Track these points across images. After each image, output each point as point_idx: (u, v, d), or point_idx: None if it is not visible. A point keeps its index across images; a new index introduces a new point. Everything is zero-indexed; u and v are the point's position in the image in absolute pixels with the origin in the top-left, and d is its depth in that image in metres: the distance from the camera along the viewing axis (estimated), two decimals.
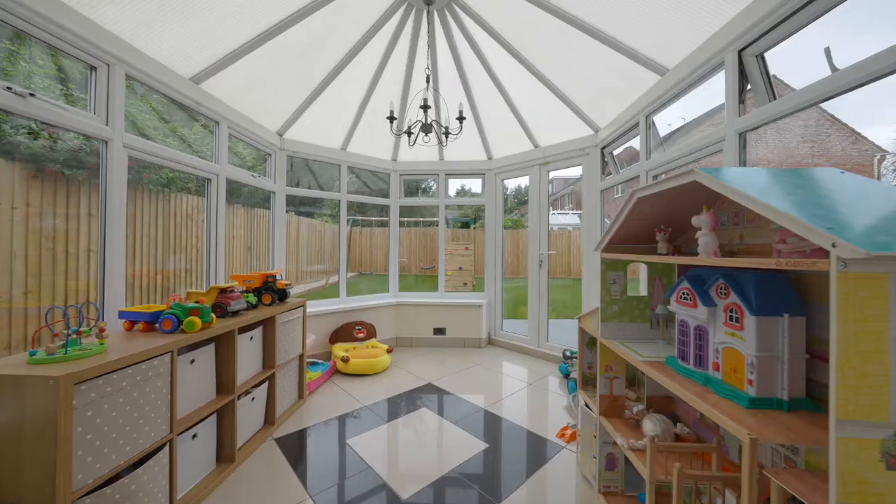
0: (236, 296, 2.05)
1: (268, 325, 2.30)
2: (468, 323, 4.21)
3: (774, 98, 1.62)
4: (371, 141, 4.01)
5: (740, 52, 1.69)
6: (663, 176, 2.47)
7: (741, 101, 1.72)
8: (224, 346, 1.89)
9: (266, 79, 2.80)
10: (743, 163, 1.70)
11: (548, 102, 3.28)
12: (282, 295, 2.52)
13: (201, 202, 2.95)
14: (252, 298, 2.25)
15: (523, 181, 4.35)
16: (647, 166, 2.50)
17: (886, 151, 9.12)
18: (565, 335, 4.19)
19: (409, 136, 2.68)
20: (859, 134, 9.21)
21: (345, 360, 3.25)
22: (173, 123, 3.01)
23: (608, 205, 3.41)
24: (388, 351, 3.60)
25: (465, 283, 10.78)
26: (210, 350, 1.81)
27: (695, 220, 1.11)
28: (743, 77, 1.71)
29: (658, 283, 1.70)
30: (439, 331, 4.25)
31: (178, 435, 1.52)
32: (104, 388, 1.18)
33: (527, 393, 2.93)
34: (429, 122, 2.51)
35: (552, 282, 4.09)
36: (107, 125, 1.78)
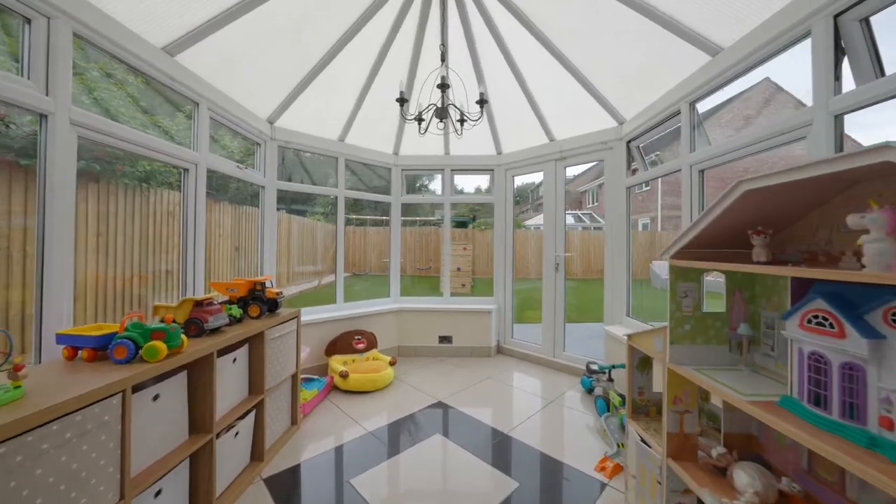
0: (215, 309, 1.68)
1: (255, 342, 1.94)
2: (476, 331, 3.89)
3: (883, 73, 1.32)
4: (371, 133, 3.65)
5: (836, 17, 1.39)
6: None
7: (836, 77, 1.42)
8: (199, 374, 1.53)
9: (254, 57, 2.43)
10: (840, 151, 1.40)
11: (568, 89, 2.96)
12: (272, 305, 2.16)
13: (179, 197, 2.57)
14: (236, 311, 1.89)
15: (522, 178, 4.04)
16: (691, 160, 2.20)
17: None
18: (579, 343, 3.88)
19: (419, 124, 2.34)
20: None
21: (343, 375, 2.89)
22: (154, 115, 2.62)
23: (633, 202, 3.11)
24: (391, 363, 3.25)
25: (463, 285, 10.48)
26: (181, 380, 1.44)
27: (854, 221, 0.80)
28: (838, 48, 1.41)
29: (739, 297, 1.39)
30: (445, 339, 3.92)
31: (134, 498, 1.16)
32: (12, 458, 0.82)
33: (549, 413, 2.61)
34: (446, 104, 2.17)
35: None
36: (47, 95, 1.40)
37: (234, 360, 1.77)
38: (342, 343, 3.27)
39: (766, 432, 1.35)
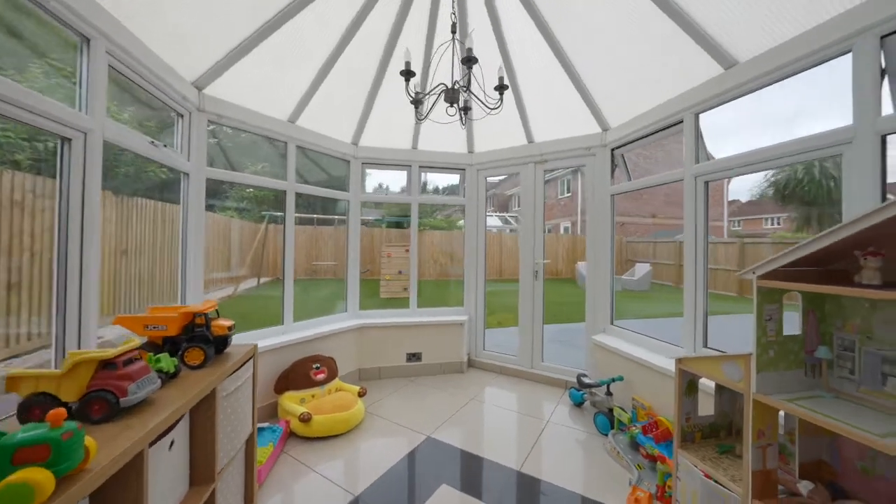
0: (138, 370, 1.03)
1: (201, 407, 1.30)
2: (448, 345, 3.54)
3: None
4: (327, 118, 3.02)
5: (883, 38, 1.41)
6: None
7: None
8: (117, 489, 0.89)
9: None
10: (884, 172, 1.42)
11: (557, 90, 2.82)
12: (221, 345, 1.50)
13: (43, 183, 1.70)
14: (168, 363, 1.22)
15: (452, 178, 3.90)
16: (696, 170, 2.19)
17: None
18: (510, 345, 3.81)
19: (416, 107, 1.91)
20: None
21: (304, 419, 2.28)
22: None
23: (551, 209, 3.10)
24: (361, 394, 2.71)
25: (405, 289, 10.00)
26: None
27: None
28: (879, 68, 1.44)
29: (812, 318, 1.32)
30: (414, 356, 3.48)
31: None
32: None
33: (551, 436, 2.40)
34: (456, 86, 1.78)
35: (497, 286, 3.66)
36: None
37: (171, 444, 1.13)
38: (296, 375, 2.61)
39: (844, 459, 1.30)
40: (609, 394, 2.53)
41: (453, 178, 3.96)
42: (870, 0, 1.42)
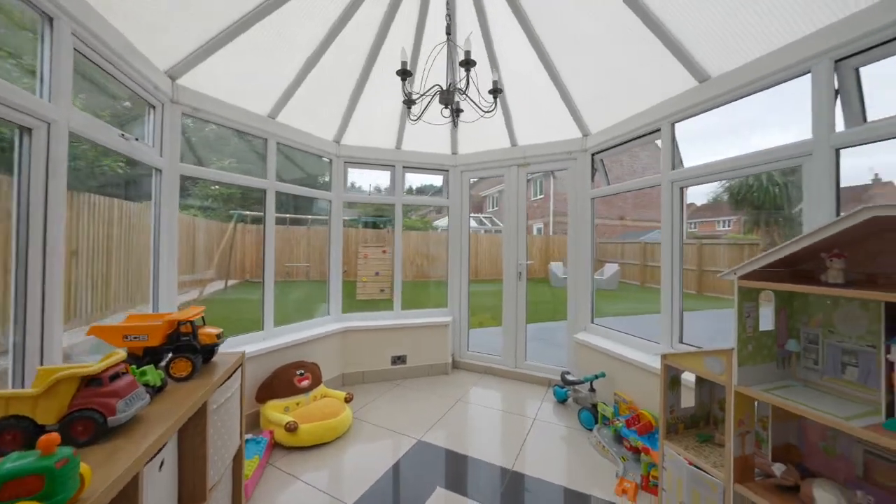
0: (125, 386, 0.95)
1: (191, 422, 1.21)
2: (433, 347, 3.53)
3: (865, 120, 1.53)
4: (310, 114, 2.92)
5: (837, 61, 1.56)
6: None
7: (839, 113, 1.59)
8: None
9: None
10: (837, 181, 1.58)
11: (541, 95, 2.89)
12: (207, 355, 1.41)
13: None
14: (155, 376, 1.13)
15: (422, 178, 3.91)
16: (672, 176, 2.33)
17: None
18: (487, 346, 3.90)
19: (408, 108, 1.89)
20: None
21: (290, 428, 2.19)
22: None
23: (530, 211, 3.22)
24: (347, 400, 2.65)
25: (382, 290, 9.86)
26: None
27: None
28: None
29: (783, 315, 1.44)
30: (399, 359, 3.44)
31: None
32: None
33: (539, 433, 2.46)
34: (450, 88, 1.78)
35: (474, 287, 3.73)
36: None
37: (162, 464, 1.04)
38: (280, 383, 2.50)
39: (809, 441, 1.42)
40: (592, 390, 2.63)
41: (427, 178, 3.94)
42: (826, 27, 1.57)
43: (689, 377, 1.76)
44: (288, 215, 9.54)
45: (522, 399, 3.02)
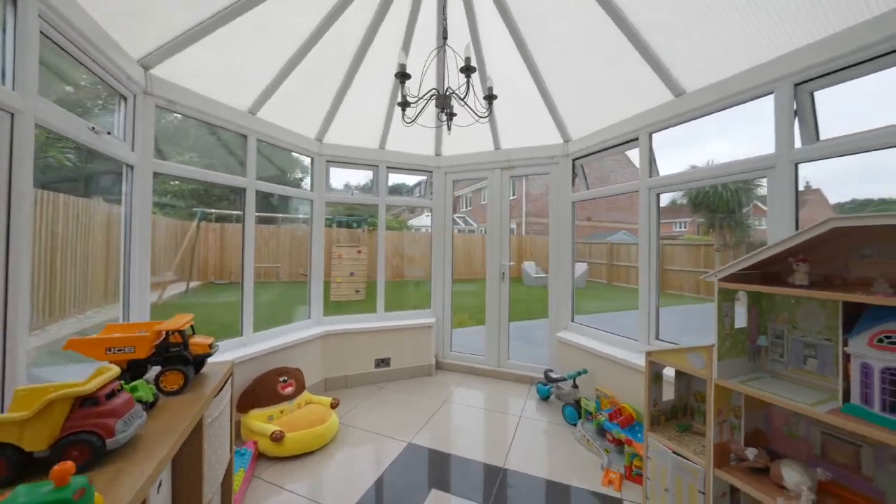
0: (121, 406, 0.88)
1: (187, 440, 1.13)
2: (416, 348, 3.52)
3: (818, 139, 1.72)
4: (292, 112, 2.82)
5: (797, 85, 1.73)
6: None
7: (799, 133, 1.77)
8: None
9: None
10: (796, 191, 1.75)
11: (525, 99, 2.97)
12: (197, 366, 1.33)
13: None
14: (146, 391, 1.05)
15: (401, 177, 3.95)
16: (650, 183, 2.48)
17: None
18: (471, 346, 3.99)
19: (403, 110, 1.88)
20: None
21: (277, 437, 2.10)
22: None
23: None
24: (333, 406, 2.58)
25: (357, 291, 9.65)
26: None
27: None
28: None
29: (754, 313, 1.58)
30: (382, 362, 3.41)
31: None
32: None
33: (525, 430, 2.53)
34: (446, 93, 1.79)
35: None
36: None
37: (159, 486, 0.98)
38: (262, 390, 2.40)
39: (774, 426, 1.57)
40: (575, 386, 2.74)
41: (400, 178, 3.91)
42: (787, 53, 1.74)
43: (668, 372, 1.89)
44: (257, 213, 9.13)
45: (506, 398, 3.09)
